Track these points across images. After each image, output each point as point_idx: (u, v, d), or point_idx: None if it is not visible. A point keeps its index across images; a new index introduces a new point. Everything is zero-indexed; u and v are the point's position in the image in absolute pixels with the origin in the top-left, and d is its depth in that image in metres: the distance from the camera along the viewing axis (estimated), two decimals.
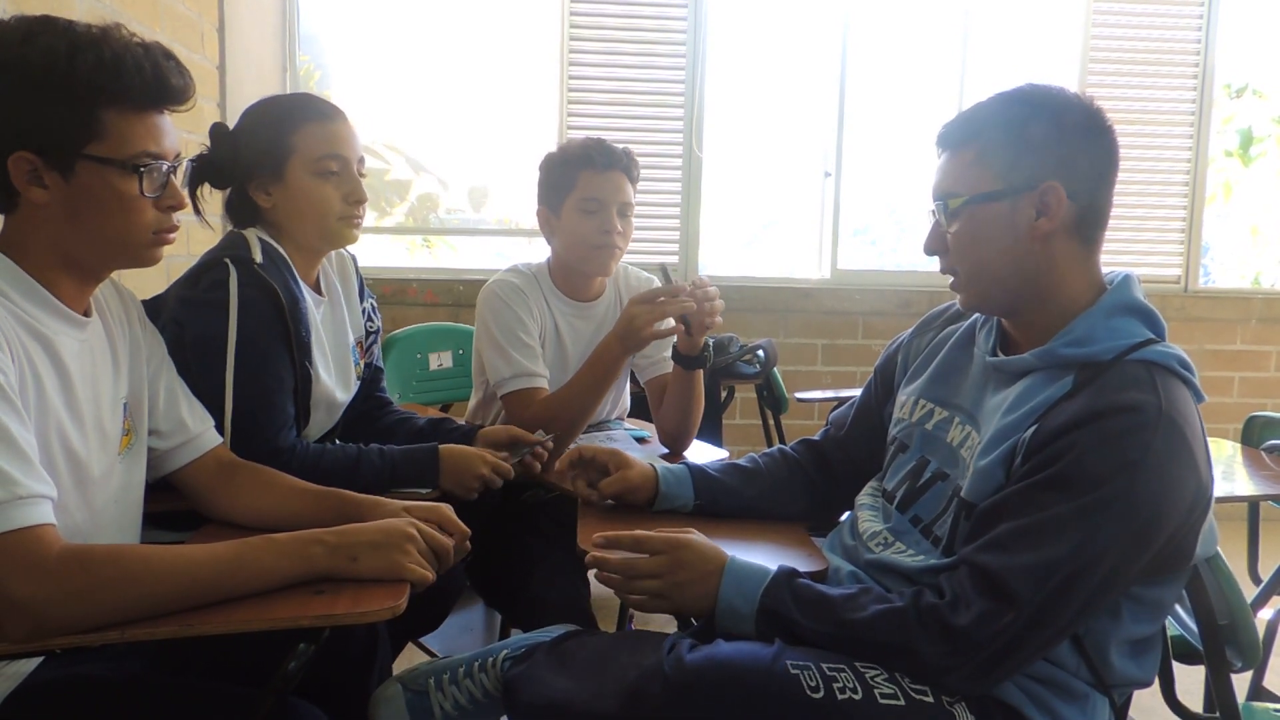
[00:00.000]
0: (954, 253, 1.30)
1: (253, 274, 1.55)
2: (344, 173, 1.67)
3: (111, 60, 1.11)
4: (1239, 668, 1.30)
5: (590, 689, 1.16)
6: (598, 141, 2.06)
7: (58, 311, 1.18)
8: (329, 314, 1.80)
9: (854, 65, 4.11)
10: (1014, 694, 1.17)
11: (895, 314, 4.06)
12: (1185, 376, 1.19)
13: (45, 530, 1.03)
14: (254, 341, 1.54)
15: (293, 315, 1.60)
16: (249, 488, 1.43)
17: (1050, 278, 1.25)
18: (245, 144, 1.64)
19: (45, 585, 1.01)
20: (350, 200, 1.68)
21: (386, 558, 1.18)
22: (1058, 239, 1.24)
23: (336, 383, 1.77)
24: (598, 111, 3.98)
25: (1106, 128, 1.25)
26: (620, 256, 2.10)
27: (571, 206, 2.04)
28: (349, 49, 4.05)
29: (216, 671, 1.28)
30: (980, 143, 1.26)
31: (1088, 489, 1.09)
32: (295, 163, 1.64)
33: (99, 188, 1.14)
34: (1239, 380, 4.37)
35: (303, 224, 1.67)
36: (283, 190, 1.65)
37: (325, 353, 1.75)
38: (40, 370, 1.13)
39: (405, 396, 2.72)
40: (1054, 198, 1.22)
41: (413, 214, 4.55)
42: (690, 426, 2.07)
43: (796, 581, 1.24)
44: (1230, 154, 5.00)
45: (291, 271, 1.66)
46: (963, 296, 1.33)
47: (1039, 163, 1.22)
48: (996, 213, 1.25)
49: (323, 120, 1.67)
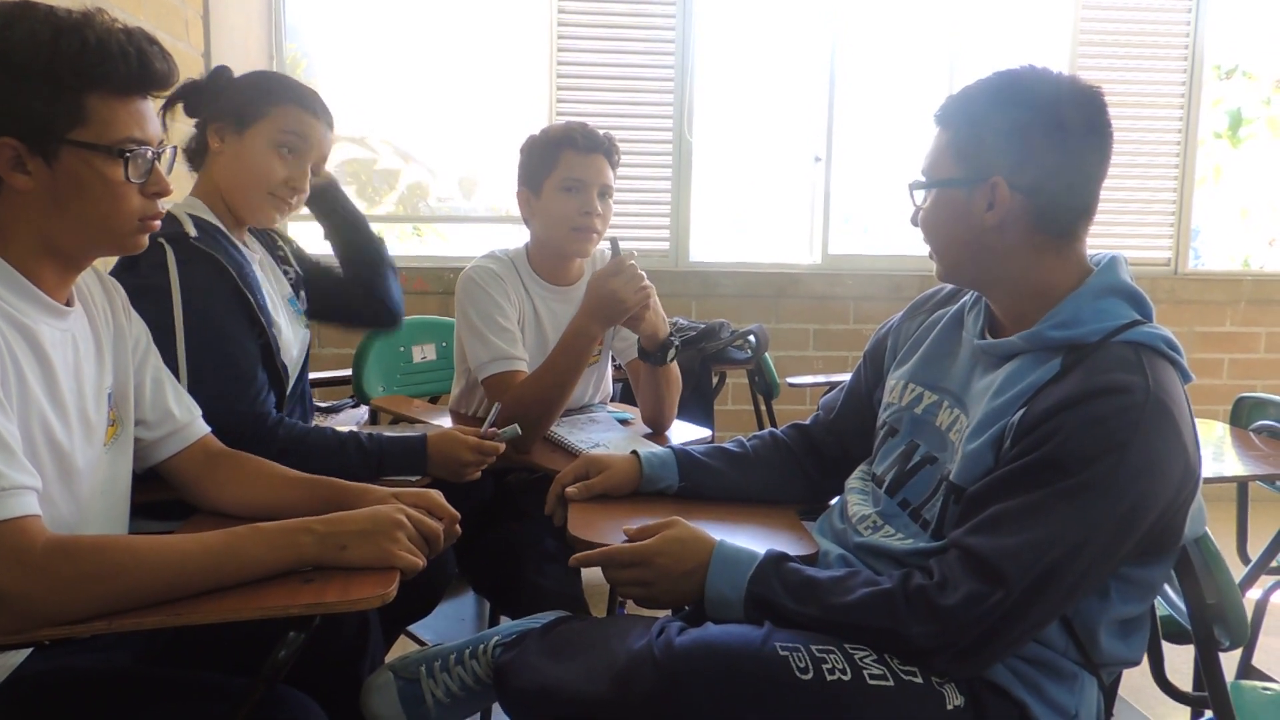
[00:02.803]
0: (922, 229, 1.33)
1: (191, 249, 1.54)
2: (297, 157, 1.70)
3: (95, 45, 1.11)
4: (1227, 647, 1.30)
5: (580, 673, 1.16)
6: (581, 125, 2.06)
7: (39, 301, 1.17)
8: (267, 267, 1.80)
9: (845, 49, 4.11)
10: (1002, 674, 1.18)
11: (886, 299, 4.06)
12: (1172, 357, 1.19)
13: (30, 522, 1.03)
14: (206, 316, 1.52)
15: (245, 281, 1.59)
16: (237, 477, 1.42)
17: (1013, 266, 1.26)
18: (232, 87, 1.67)
19: (31, 577, 1.01)
20: (289, 184, 1.69)
21: (376, 545, 1.18)
22: (1012, 231, 1.24)
23: (292, 337, 1.77)
24: (588, 97, 3.97)
25: (1090, 122, 1.22)
26: (598, 239, 2.10)
27: (552, 186, 2.04)
28: (335, 37, 4.02)
29: (206, 663, 1.28)
30: (956, 127, 1.26)
31: (1076, 471, 1.09)
32: (262, 127, 1.66)
33: (84, 173, 1.13)
34: (1228, 362, 4.39)
35: (236, 184, 1.68)
36: (236, 144, 1.67)
37: (278, 307, 1.74)
38: (22, 361, 1.13)
39: (389, 389, 2.72)
40: (999, 192, 1.22)
41: (403, 203, 4.54)
42: (666, 410, 2.08)
43: (784, 566, 1.24)
44: (1220, 135, 5.00)
45: (226, 237, 1.65)
46: (937, 268, 1.35)
47: (991, 155, 1.22)
48: (954, 199, 1.26)
49: (308, 111, 1.70)
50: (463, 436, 1.69)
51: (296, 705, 1.22)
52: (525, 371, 2.00)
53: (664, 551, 1.28)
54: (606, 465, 1.58)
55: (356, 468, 1.60)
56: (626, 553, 1.29)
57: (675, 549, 1.28)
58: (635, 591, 1.30)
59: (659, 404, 2.07)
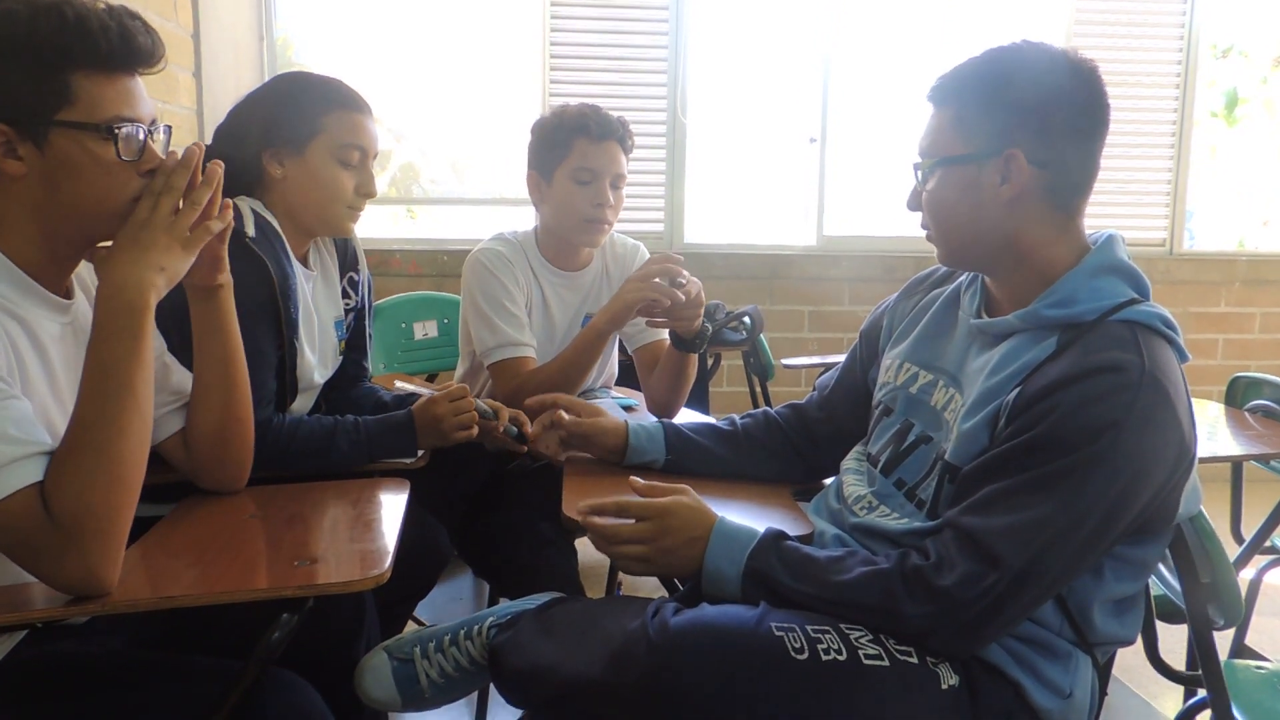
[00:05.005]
0: (926, 211, 1.31)
1: (244, 248, 1.54)
2: (362, 165, 1.70)
3: (74, 21, 1.09)
4: (1221, 626, 1.30)
5: (575, 654, 1.16)
6: (594, 109, 2.02)
7: (38, 296, 1.17)
8: (320, 289, 1.79)
9: (839, 30, 4.08)
10: (997, 653, 1.18)
11: (881, 280, 4.06)
12: (1169, 335, 1.19)
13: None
14: (238, 317, 1.52)
15: (283, 292, 1.59)
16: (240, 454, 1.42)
17: (1022, 242, 1.25)
18: (273, 109, 1.65)
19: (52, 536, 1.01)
20: (360, 192, 1.70)
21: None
22: (1025, 205, 1.23)
23: (318, 361, 1.76)
24: (581, 78, 3.94)
25: (1093, 96, 1.22)
26: (609, 230, 2.08)
27: (564, 175, 2.01)
28: (325, 16, 3.98)
29: (201, 646, 1.28)
30: (958, 104, 1.25)
31: (1070, 450, 1.09)
32: (320, 142, 1.65)
33: (75, 154, 1.12)
34: (1223, 342, 4.39)
35: (308, 204, 1.67)
36: (299, 166, 1.65)
37: (313, 330, 1.74)
38: (24, 355, 1.13)
39: (391, 366, 2.72)
40: (1015, 165, 1.21)
41: (395, 184, 4.51)
42: (678, 399, 2.06)
43: (783, 544, 1.24)
44: (1215, 115, 4.98)
45: (283, 245, 1.64)
46: (939, 252, 1.33)
47: (1004, 128, 1.21)
48: (964, 176, 1.24)
49: (355, 110, 1.69)
50: (437, 396, 1.69)
51: (291, 687, 1.22)
52: (532, 358, 1.99)
53: (674, 513, 1.28)
54: (599, 413, 1.58)
55: (348, 458, 1.61)
56: (639, 506, 1.29)
57: (685, 513, 1.28)
58: (636, 551, 1.28)
59: (673, 393, 2.04)
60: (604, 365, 2.26)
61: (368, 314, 1.94)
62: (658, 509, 1.28)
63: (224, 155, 1.58)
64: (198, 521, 1.33)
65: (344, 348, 1.87)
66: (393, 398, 1.89)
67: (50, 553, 1.02)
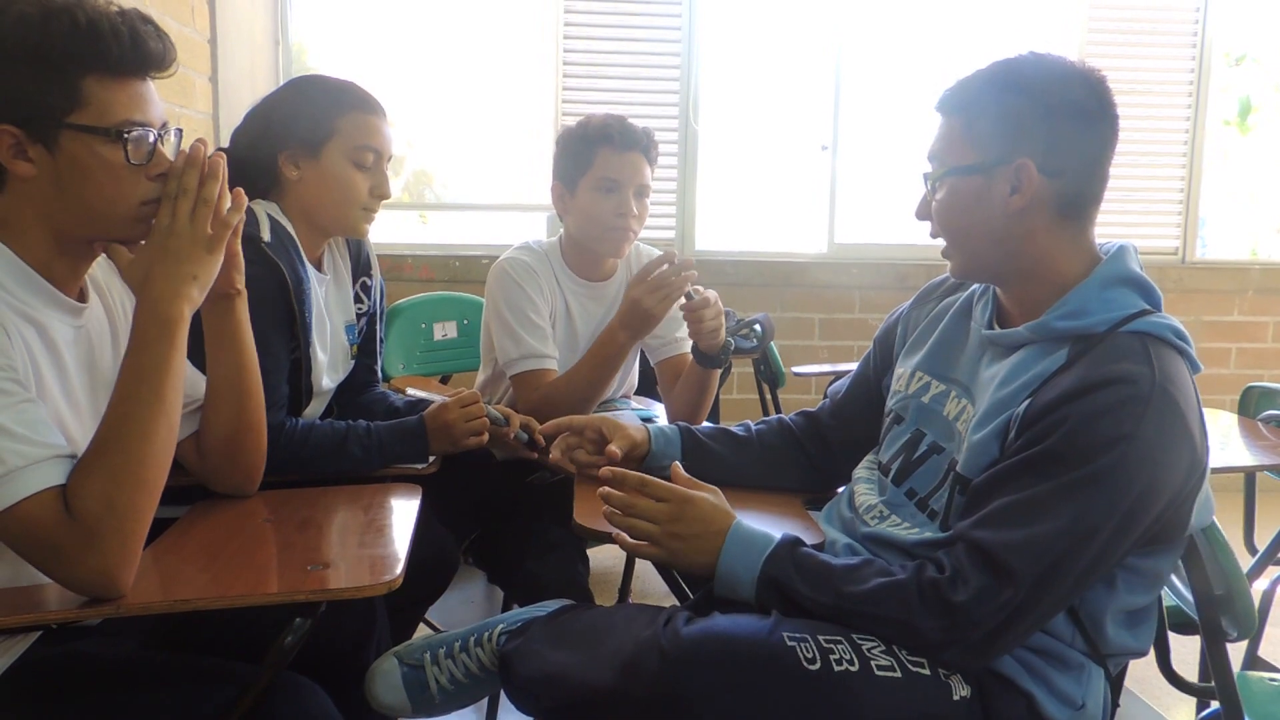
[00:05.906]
0: (936, 221, 1.30)
1: (259, 252, 1.55)
2: (376, 167, 1.71)
3: (86, 26, 1.10)
4: (1234, 637, 1.30)
5: (586, 662, 1.16)
6: (619, 119, 2.02)
7: (52, 298, 1.18)
8: (332, 292, 1.80)
9: (851, 37, 4.08)
10: (1009, 665, 1.17)
11: (892, 288, 4.05)
12: (1180, 347, 1.18)
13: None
14: (250, 319, 1.53)
15: (297, 296, 1.60)
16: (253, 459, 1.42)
17: (1032, 252, 1.24)
18: (289, 112, 1.67)
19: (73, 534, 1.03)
20: (375, 194, 1.71)
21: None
22: (1035, 215, 1.23)
23: (329, 366, 1.77)
24: (594, 85, 3.95)
25: (1102, 106, 1.22)
26: (634, 240, 2.09)
27: (588, 185, 2.01)
28: (341, 22, 4.00)
29: (213, 649, 1.28)
30: (968, 114, 1.25)
31: (1081, 463, 1.09)
32: (335, 144, 1.67)
33: (85, 157, 1.13)
34: (1236, 351, 4.37)
35: (324, 205, 1.69)
36: (315, 168, 1.67)
37: (325, 333, 1.75)
38: (38, 359, 1.14)
39: (410, 368, 2.70)
40: (1025, 175, 1.20)
41: (408, 190, 4.53)
42: (700, 415, 2.07)
43: (800, 551, 1.23)
44: (1229, 123, 4.96)
45: (298, 249, 1.66)
46: (951, 264, 1.33)
47: (1015, 139, 1.21)
48: (973, 186, 1.24)
49: (369, 113, 1.71)
50: (448, 402, 1.70)
51: (303, 691, 1.22)
52: (554, 370, 1.99)
53: (695, 504, 1.28)
54: (620, 429, 1.58)
55: (360, 463, 1.62)
56: (662, 487, 1.30)
57: (705, 508, 1.28)
58: (646, 528, 1.27)
59: (694, 408, 2.04)
60: (625, 375, 2.26)
61: (379, 319, 1.95)
62: (680, 495, 1.29)
63: (240, 158, 1.60)
64: (211, 525, 1.34)
65: (355, 352, 1.87)
66: (404, 403, 1.90)
67: (69, 553, 1.03)
